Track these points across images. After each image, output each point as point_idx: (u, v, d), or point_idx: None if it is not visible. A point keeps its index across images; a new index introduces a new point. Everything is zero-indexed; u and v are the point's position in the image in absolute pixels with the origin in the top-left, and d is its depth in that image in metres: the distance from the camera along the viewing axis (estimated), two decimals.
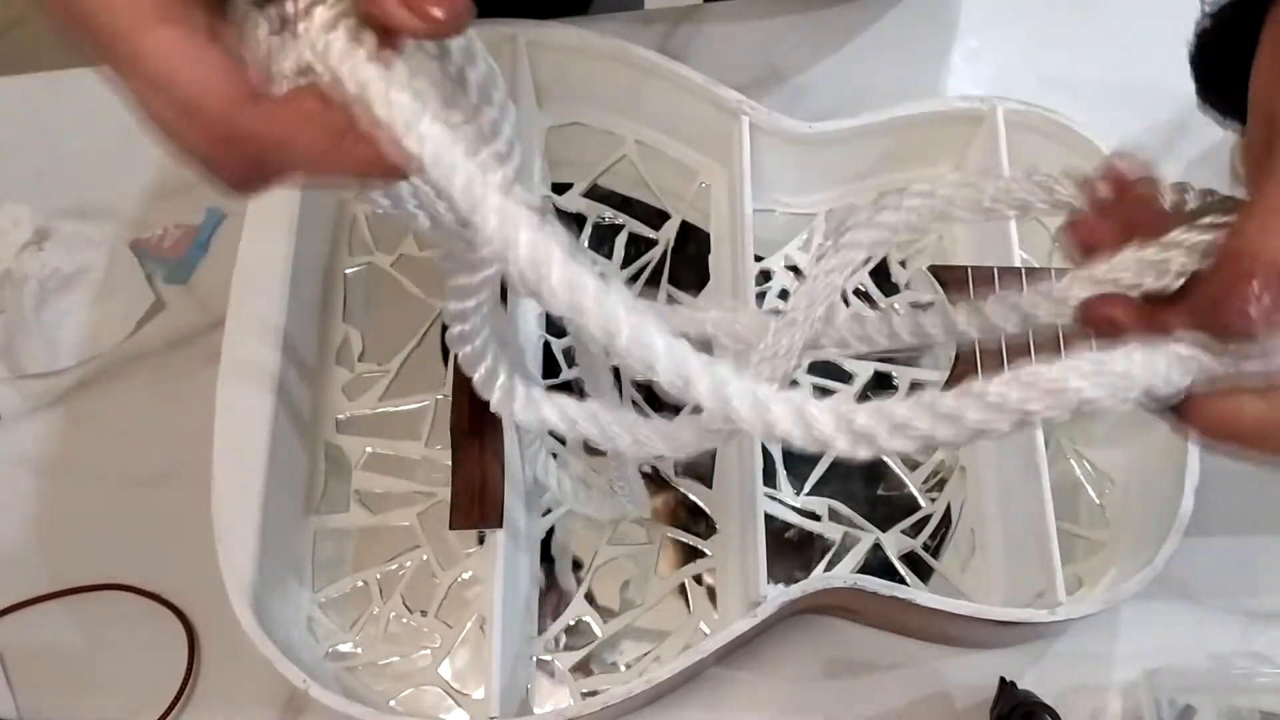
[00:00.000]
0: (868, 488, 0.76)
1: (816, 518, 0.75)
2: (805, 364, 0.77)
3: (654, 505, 0.75)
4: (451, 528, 0.67)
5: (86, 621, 0.76)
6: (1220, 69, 0.49)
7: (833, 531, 0.74)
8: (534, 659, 0.72)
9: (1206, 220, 0.40)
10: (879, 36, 0.90)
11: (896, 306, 0.80)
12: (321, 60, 0.39)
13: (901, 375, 0.78)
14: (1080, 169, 0.43)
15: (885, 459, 0.76)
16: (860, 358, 0.78)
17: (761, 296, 0.79)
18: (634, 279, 0.81)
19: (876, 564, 0.74)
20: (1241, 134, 0.44)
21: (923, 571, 0.73)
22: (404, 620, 0.73)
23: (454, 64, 0.43)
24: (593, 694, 0.68)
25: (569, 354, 0.79)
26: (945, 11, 0.90)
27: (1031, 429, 0.68)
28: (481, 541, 0.74)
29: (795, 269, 0.80)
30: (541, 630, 0.72)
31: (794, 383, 0.77)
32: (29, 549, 0.78)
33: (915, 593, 0.65)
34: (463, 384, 0.69)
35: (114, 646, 0.75)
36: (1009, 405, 0.37)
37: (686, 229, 0.82)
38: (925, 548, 0.74)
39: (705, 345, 0.46)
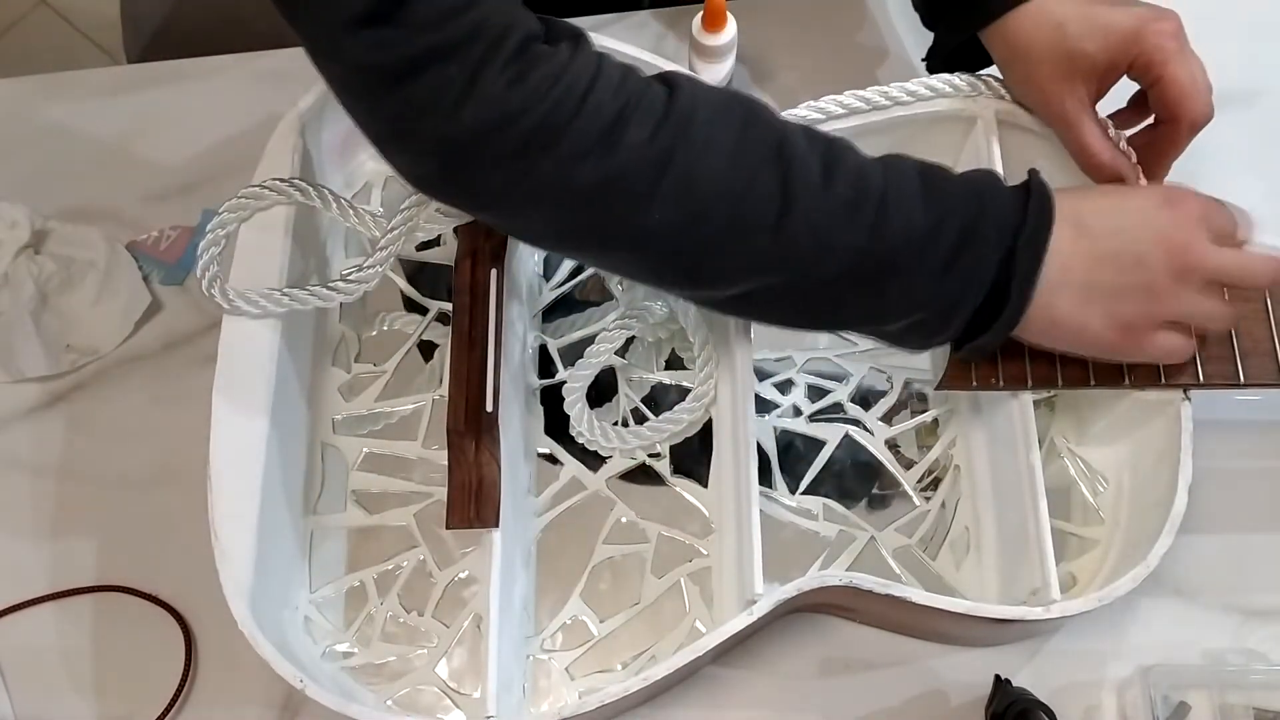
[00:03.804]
0: (863, 486, 0.76)
1: (812, 516, 0.75)
2: (801, 362, 0.78)
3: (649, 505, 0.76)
4: (448, 527, 0.68)
5: (83, 623, 0.76)
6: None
7: (828, 530, 0.74)
8: (531, 658, 0.72)
9: None
10: (876, 36, 0.90)
11: None
12: None
13: (896, 375, 0.78)
14: None
15: (880, 458, 0.76)
16: (856, 358, 0.79)
17: None
18: None
19: (872, 562, 0.74)
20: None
21: (918, 570, 0.74)
22: (401, 620, 0.73)
23: None
24: (589, 693, 0.68)
25: (564, 354, 0.79)
26: None
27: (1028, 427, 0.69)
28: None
29: None
30: (538, 629, 0.73)
31: (789, 382, 0.78)
32: (26, 551, 0.78)
33: (910, 590, 0.65)
34: (459, 384, 0.69)
35: (111, 648, 0.76)
36: None
37: None
38: (920, 546, 0.74)
39: None
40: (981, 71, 0.75)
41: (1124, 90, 0.71)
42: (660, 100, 0.59)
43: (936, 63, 0.76)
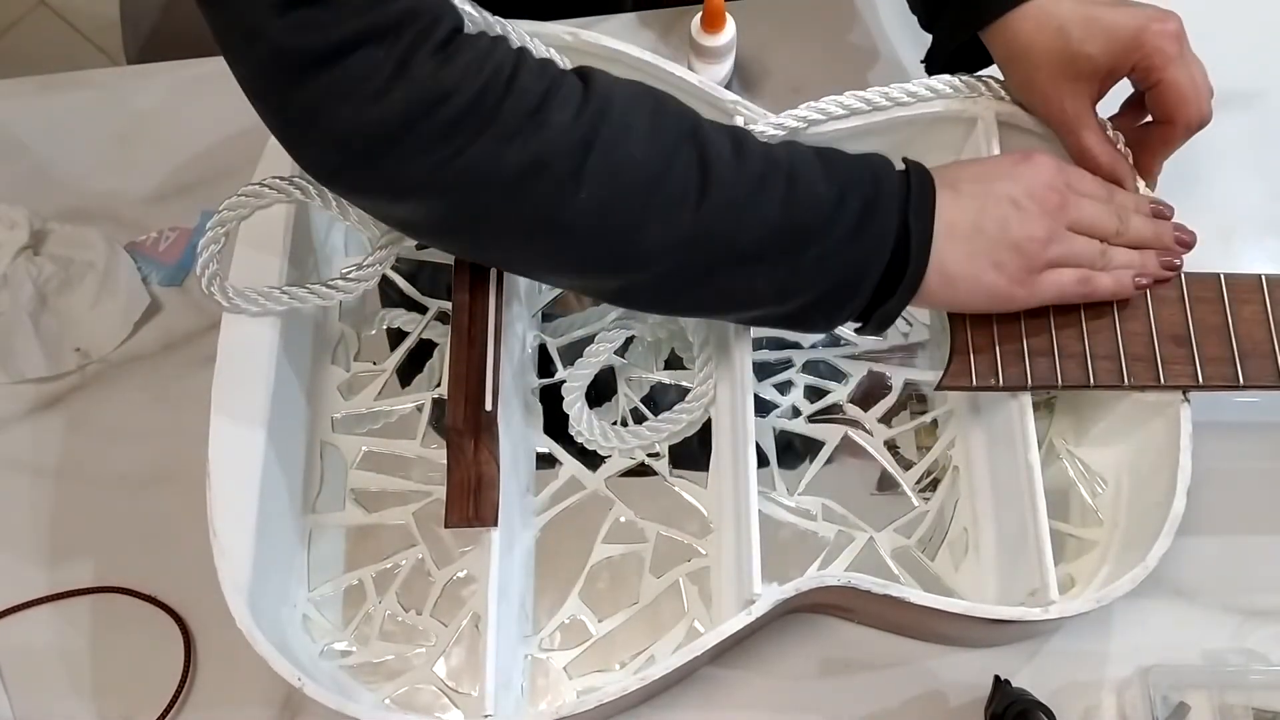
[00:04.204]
0: (862, 487, 0.76)
1: (811, 516, 0.75)
2: (800, 363, 0.78)
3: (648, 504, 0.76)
4: (446, 526, 0.68)
5: (82, 625, 0.76)
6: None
7: (826, 530, 0.74)
8: (529, 657, 0.72)
9: None
10: (875, 38, 0.90)
11: None
12: None
13: (896, 375, 0.78)
14: None
15: (880, 458, 0.76)
16: (856, 358, 0.79)
17: None
18: None
19: (870, 563, 0.74)
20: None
21: (916, 570, 0.74)
22: (399, 618, 0.73)
23: None
24: (588, 692, 0.68)
25: (563, 354, 0.79)
26: None
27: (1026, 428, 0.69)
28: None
29: None
30: (537, 628, 0.73)
31: (789, 383, 0.78)
32: (25, 552, 0.78)
33: (908, 590, 0.65)
34: (458, 383, 0.69)
35: (110, 649, 0.75)
36: None
37: None
38: (919, 547, 0.74)
39: None
40: (982, 72, 0.75)
41: (1121, 88, 0.72)
42: (578, 87, 0.61)
43: (937, 64, 0.76)
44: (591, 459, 0.76)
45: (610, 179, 0.60)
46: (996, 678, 0.70)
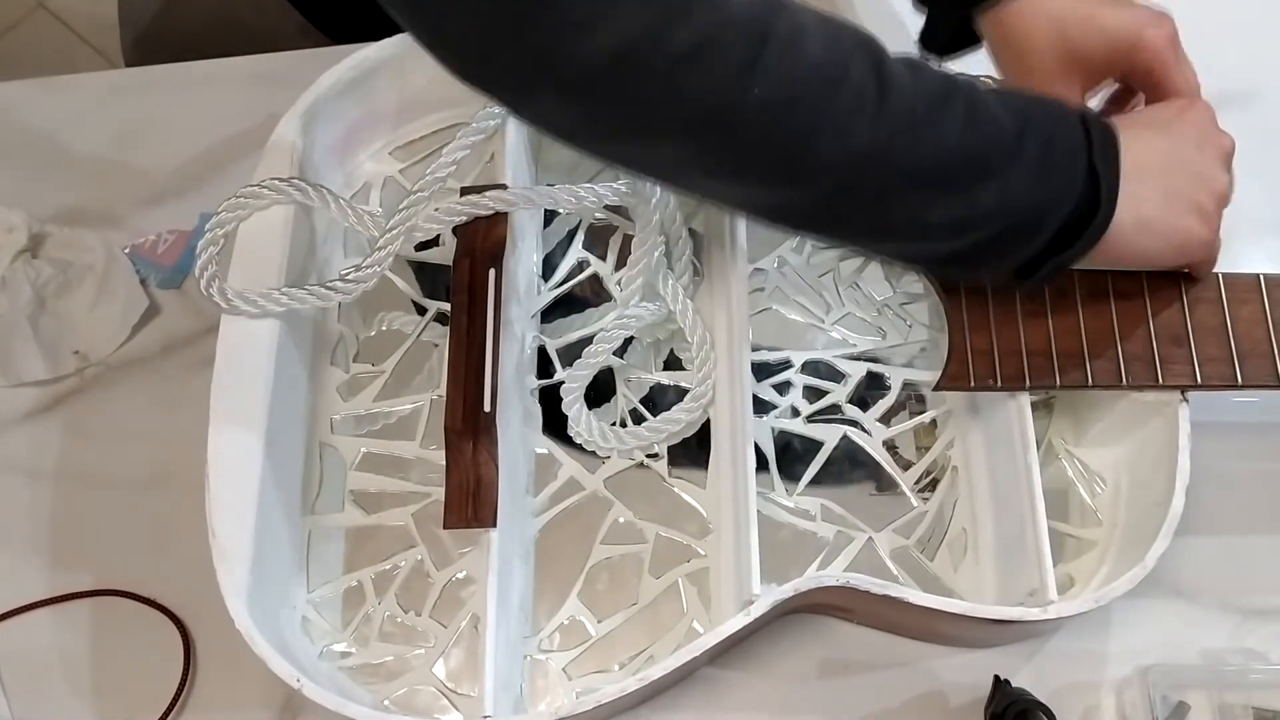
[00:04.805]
0: (861, 487, 0.76)
1: (810, 517, 0.75)
2: (799, 363, 0.78)
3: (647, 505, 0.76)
4: (445, 527, 0.68)
5: (81, 627, 0.76)
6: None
7: (825, 531, 0.74)
8: (528, 658, 0.72)
9: None
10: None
11: (889, 305, 0.80)
12: None
13: (894, 376, 0.78)
14: None
15: (879, 459, 0.76)
16: (855, 359, 0.79)
17: (755, 296, 0.79)
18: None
19: (869, 563, 0.74)
20: None
21: (915, 570, 0.74)
22: (398, 620, 0.73)
23: None
24: (587, 693, 0.68)
25: (563, 354, 0.79)
26: None
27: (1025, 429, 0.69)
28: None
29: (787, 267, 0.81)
30: (536, 629, 0.73)
31: (787, 383, 0.78)
32: (24, 555, 0.78)
33: (907, 591, 0.65)
34: (457, 384, 0.69)
35: (109, 652, 0.75)
36: None
37: None
38: (918, 547, 0.74)
39: None
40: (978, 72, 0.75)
41: None
42: None
43: (934, 45, 0.75)
44: (591, 460, 0.76)
45: (785, 76, 0.55)
46: (996, 678, 0.70)
